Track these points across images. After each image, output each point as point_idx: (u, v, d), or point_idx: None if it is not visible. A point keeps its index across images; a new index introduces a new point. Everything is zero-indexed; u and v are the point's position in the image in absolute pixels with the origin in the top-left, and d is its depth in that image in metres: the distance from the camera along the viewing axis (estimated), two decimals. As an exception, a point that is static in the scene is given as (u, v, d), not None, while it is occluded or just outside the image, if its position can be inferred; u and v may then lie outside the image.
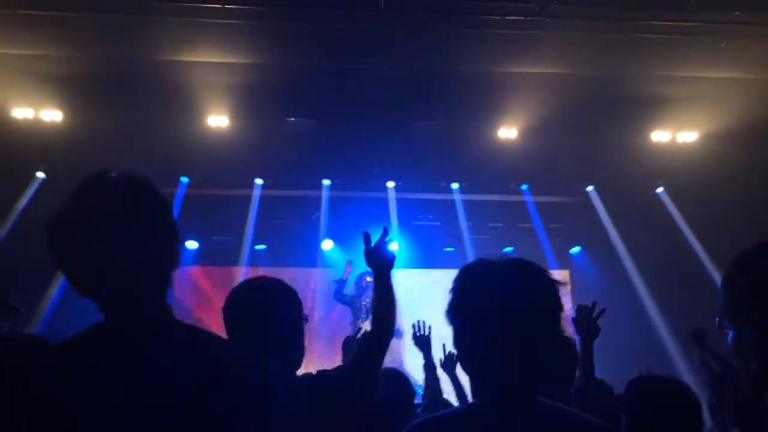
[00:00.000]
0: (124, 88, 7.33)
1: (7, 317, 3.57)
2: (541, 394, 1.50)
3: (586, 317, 3.10)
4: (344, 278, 8.15)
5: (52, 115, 7.75)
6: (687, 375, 7.36)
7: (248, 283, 2.19)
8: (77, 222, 1.33)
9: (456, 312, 1.52)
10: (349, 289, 8.19)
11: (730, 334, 1.32)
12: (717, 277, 8.15)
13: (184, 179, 8.39)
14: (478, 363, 1.50)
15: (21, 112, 7.73)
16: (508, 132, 8.22)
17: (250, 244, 9.10)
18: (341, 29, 6.71)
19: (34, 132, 7.76)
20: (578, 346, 3.02)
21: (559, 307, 1.50)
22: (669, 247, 8.61)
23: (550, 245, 9.19)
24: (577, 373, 3.01)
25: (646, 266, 8.86)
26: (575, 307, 3.20)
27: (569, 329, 2.87)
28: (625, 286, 8.86)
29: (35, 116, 7.75)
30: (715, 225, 8.28)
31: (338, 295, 8.14)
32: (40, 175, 8.15)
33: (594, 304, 3.16)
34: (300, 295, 2.25)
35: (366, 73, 7.28)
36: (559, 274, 9.58)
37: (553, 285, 1.51)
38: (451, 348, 3.54)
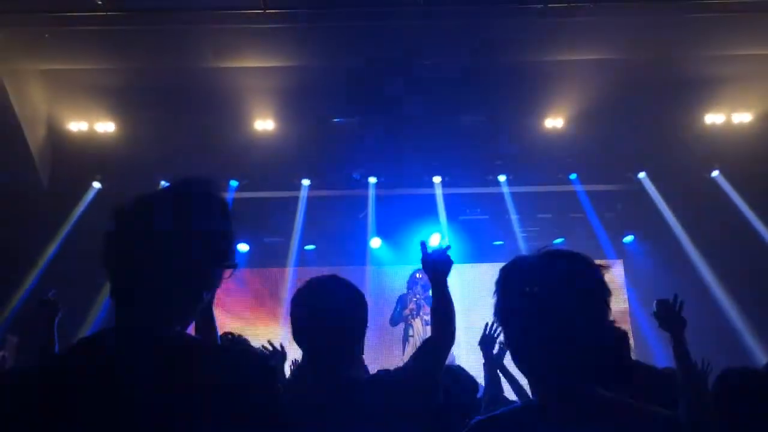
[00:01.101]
0: (172, 97, 7.52)
1: (46, 313, 3.46)
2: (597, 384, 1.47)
3: (666, 311, 3.02)
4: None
5: (106, 127, 7.99)
6: (762, 359, 7.12)
7: (313, 282, 2.17)
8: (128, 220, 1.33)
9: (501, 313, 1.49)
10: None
11: None
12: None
13: (233, 183, 8.53)
14: (530, 360, 1.47)
15: (76, 125, 8.00)
16: (554, 122, 8.10)
17: (299, 244, 9.19)
18: (382, 27, 6.72)
19: (90, 144, 8.03)
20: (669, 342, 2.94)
21: (605, 291, 1.45)
22: (728, 230, 8.33)
23: (601, 235, 9.00)
24: (676, 367, 2.94)
25: (704, 251, 8.60)
26: (654, 303, 3.10)
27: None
28: (682, 274, 8.61)
29: (89, 128, 8.01)
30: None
31: (393, 320, 8.19)
32: (96, 185, 8.39)
33: (676, 297, 3.08)
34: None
35: (409, 70, 7.27)
36: (612, 264, 9.42)
37: (595, 270, 1.46)
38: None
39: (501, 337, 3.38)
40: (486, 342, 3.76)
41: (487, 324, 3.80)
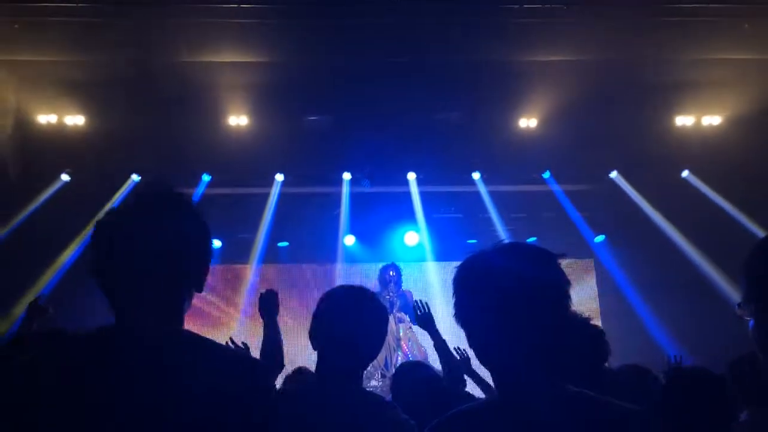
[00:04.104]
0: (144, 91, 7.40)
1: (35, 317, 3.56)
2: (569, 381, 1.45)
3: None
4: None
5: (75, 120, 7.86)
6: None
7: (354, 291, 2.14)
8: (126, 221, 1.39)
9: (460, 312, 1.47)
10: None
11: (751, 323, 1.27)
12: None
13: (206, 177, 8.46)
14: (492, 357, 1.45)
15: (45, 118, 7.84)
16: (528, 121, 8.16)
17: (265, 241, 9.10)
18: (358, 24, 6.69)
19: (59, 136, 7.88)
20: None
21: (563, 281, 1.43)
22: (700, 228, 8.48)
23: (573, 234, 9.08)
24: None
25: (677, 249, 8.71)
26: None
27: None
28: (654, 271, 8.73)
29: (59, 121, 7.86)
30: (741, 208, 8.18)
31: None
32: (65, 177, 8.25)
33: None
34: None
35: (385, 68, 7.26)
36: (583, 264, 9.51)
37: (551, 260, 1.45)
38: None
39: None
40: (424, 320, 3.64)
41: (412, 305, 3.75)
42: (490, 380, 1.57)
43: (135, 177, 8.29)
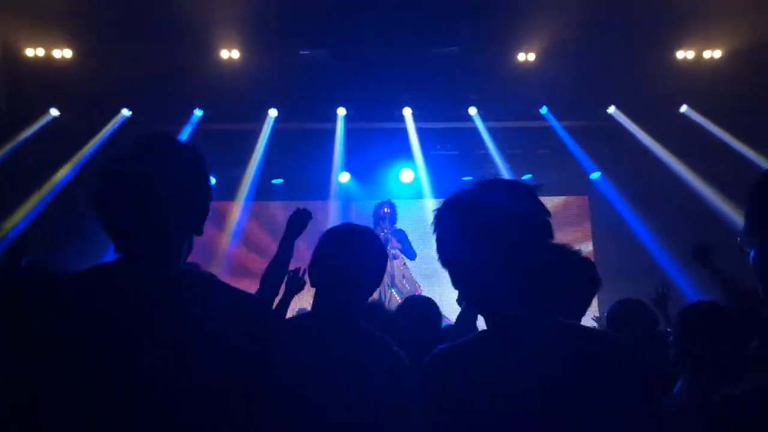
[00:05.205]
0: (133, 23, 7.21)
1: (20, 254, 3.36)
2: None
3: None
4: None
5: (63, 53, 7.71)
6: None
7: (354, 229, 2.12)
8: (131, 167, 1.41)
9: (442, 254, 1.46)
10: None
11: (752, 253, 1.28)
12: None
13: (198, 112, 8.35)
14: (480, 294, 1.45)
15: (32, 51, 7.70)
16: (527, 55, 8.02)
17: (257, 177, 9.03)
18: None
19: (47, 70, 7.74)
20: None
21: (542, 212, 1.41)
22: (702, 161, 8.45)
23: (570, 171, 9.03)
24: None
25: (680, 184, 8.70)
26: None
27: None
28: (650, 208, 8.74)
29: (46, 54, 7.70)
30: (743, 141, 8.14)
31: None
32: (54, 112, 8.11)
33: None
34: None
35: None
36: (577, 200, 9.52)
37: (529, 192, 1.43)
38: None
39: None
40: None
41: None
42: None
43: (125, 112, 8.18)
